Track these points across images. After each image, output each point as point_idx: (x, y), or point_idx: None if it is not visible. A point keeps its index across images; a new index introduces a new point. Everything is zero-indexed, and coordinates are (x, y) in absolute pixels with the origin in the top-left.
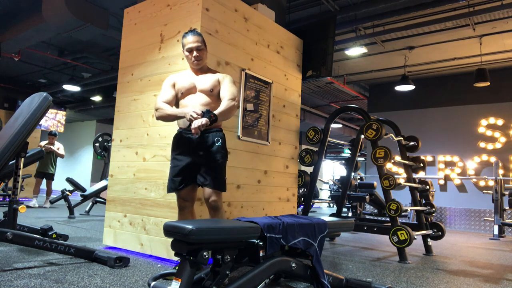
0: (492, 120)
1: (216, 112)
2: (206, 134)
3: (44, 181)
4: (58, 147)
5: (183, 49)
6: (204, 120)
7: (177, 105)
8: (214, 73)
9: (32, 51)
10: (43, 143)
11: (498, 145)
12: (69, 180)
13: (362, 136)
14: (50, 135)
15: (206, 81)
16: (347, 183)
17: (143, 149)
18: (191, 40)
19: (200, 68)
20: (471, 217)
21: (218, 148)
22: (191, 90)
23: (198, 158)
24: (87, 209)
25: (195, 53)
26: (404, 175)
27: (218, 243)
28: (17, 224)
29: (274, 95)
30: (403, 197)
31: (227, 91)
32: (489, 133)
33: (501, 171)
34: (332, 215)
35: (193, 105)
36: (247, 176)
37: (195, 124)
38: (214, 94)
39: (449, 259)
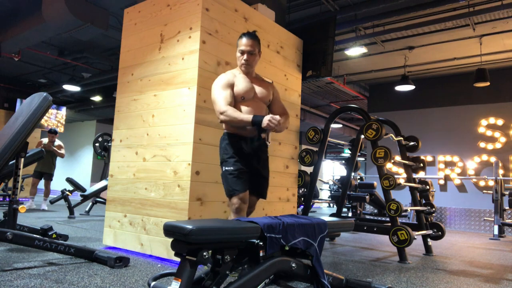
0: (492, 120)
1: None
2: (259, 141)
3: (41, 181)
4: (59, 144)
5: (237, 48)
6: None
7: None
8: (265, 81)
9: (32, 51)
10: (44, 140)
11: (498, 145)
12: (69, 180)
13: (362, 136)
14: (50, 133)
15: (264, 89)
16: (347, 183)
17: (143, 149)
18: (244, 43)
19: (248, 73)
20: (471, 217)
21: (267, 158)
22: (251, 95)
23: (255, 165)
24: (87, 209)
25: (245, 56)
26: (404, 175)
27: (218, 243)
28: (17, 224)
29: None
30: (403, 197)
31: (283, 108)
32: (489, 133)
33: (501, 171)
34: (332, 215)
35: (255, 113)
36: None
37: (273, 124)
38: (268, 103)
39: (449, 259)
